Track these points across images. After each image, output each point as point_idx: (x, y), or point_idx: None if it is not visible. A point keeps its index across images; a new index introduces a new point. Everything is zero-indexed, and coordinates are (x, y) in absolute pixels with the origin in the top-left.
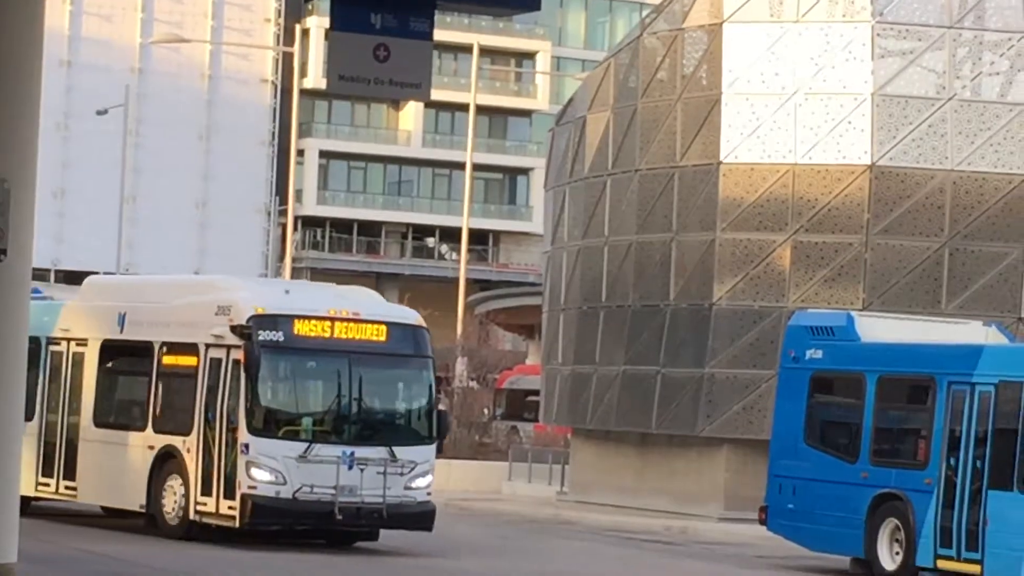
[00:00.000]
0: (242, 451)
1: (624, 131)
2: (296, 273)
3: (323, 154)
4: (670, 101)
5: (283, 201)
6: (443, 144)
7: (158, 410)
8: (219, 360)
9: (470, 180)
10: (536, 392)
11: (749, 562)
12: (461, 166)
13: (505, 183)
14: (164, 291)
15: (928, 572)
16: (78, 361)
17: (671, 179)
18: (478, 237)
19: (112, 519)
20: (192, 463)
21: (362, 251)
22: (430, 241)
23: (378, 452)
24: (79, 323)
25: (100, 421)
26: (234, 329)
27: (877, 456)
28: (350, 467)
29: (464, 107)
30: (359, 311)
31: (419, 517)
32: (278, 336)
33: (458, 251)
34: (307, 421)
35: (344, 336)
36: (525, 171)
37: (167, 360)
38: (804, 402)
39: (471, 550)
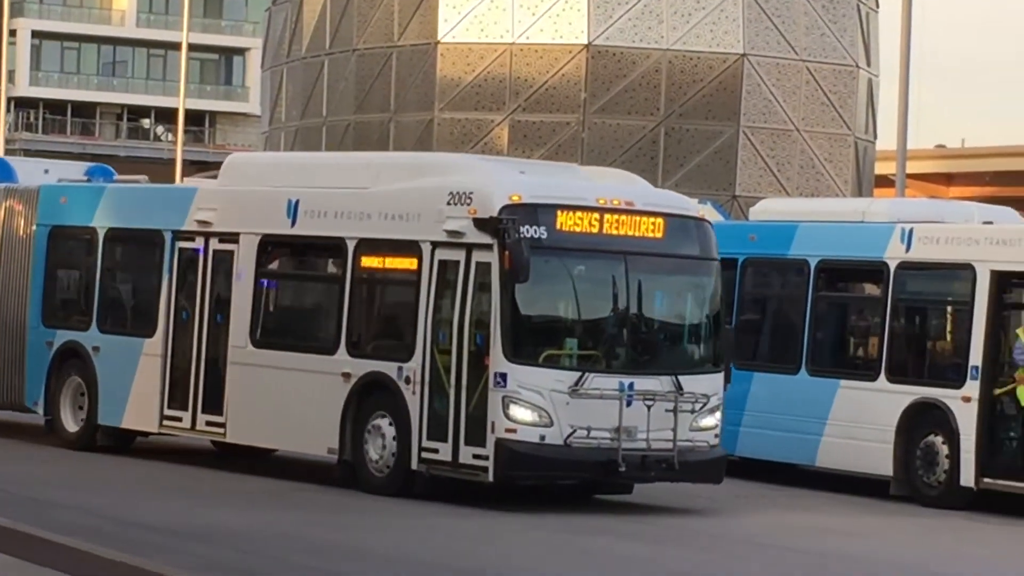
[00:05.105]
0: (496, 383)
1: (342, 10)
2: (10, 155)
3: (36, 34)
4: None
5: None
6: (158, 24)
7: (355, 328)
8: (453, 263)
9: (185, 60)
10: None
11: None
12: (176, 46)
13: (221, 63)
14: (354, 173)
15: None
16: (224, 262)
17: (389, 59)
18: (194, 118)
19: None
20: (414, 398)
21: (76, 132)
22: (145, 122)
23: (662, 383)
24: (224, 213)
25: (261, 340)
26: (482, 223)
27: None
28: (629, 403)
29: None
30: (633, 200)
31: (710, 466)
32: (542, 232)
33: (174, 132)
34: (571, 344)
35: (617, 232)
36: (241, 51)
37: (367, 262)
38: None
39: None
